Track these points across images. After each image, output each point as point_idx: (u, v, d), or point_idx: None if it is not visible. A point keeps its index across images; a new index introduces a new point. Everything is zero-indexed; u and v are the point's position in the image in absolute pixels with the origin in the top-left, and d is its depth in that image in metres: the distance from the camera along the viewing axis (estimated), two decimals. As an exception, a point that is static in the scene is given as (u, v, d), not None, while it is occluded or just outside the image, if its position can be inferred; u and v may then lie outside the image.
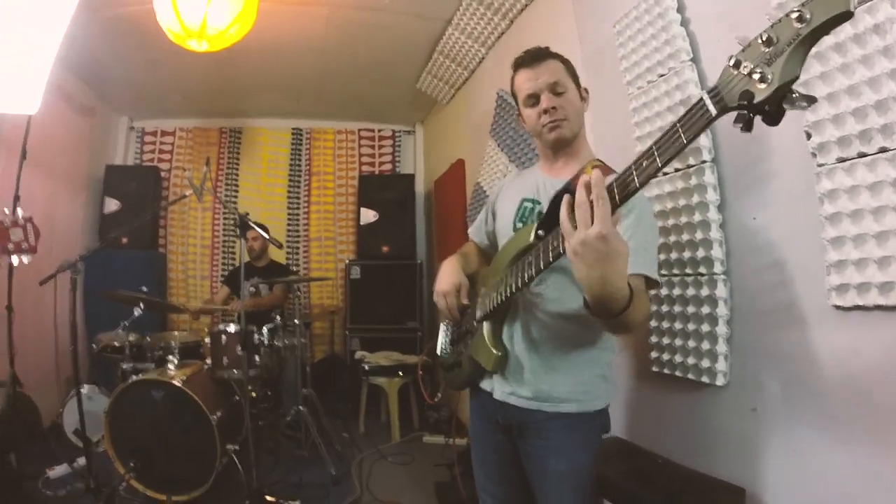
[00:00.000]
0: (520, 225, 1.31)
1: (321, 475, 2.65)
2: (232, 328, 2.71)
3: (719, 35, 1.35)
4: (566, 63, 1.30)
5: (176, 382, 2.40)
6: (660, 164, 0.75)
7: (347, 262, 4.20)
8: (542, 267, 1.00)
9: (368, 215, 4.17)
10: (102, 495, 2.31)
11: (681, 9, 1.47)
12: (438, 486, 2.58)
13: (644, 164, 0.77)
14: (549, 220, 1.04)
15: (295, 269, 4.42)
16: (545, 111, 1.23)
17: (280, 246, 2.67)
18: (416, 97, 4.08)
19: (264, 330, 2.85)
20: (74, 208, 4.09)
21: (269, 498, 2.35)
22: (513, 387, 1.26)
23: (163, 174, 4.48)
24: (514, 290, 1.11)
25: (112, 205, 4.13)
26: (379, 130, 4.71)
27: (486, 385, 1.33)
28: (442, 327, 1.53)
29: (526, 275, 1.05)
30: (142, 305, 2.96)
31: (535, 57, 1.27)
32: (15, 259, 1.06)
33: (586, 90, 1.32)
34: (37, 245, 1.10)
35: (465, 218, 3.28)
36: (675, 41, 1.45)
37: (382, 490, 2.60)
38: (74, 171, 4.02)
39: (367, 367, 3.47)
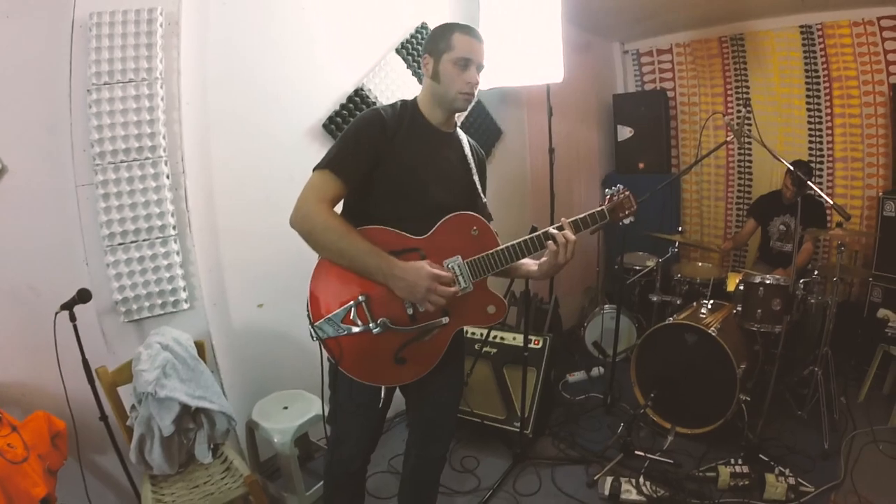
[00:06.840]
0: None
1: (813, 445, 2.57)
2: (770, 281, 2.70)
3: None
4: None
5: (711, 332, 2.53)
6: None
7: (881, 195, 3.44)
8: None
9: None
10: (621, 415, 2.76)
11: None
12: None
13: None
14: None
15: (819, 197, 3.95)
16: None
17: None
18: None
19: (800, 284, 2.79)
20: (590, 139, 4.53)
21: (762, 457, 2.38)
22: None
23: (669, 94, 4.59)
24: None
25: (625, 132, 4.51)
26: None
27: None
28: None
29: None
30: (677, 245, 3.25)
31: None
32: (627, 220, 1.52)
33: None
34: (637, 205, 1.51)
35: None
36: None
37: (865, 485, 2.34)
38: (585, 104, 4.42)
39: (889, 333, 3.20)
